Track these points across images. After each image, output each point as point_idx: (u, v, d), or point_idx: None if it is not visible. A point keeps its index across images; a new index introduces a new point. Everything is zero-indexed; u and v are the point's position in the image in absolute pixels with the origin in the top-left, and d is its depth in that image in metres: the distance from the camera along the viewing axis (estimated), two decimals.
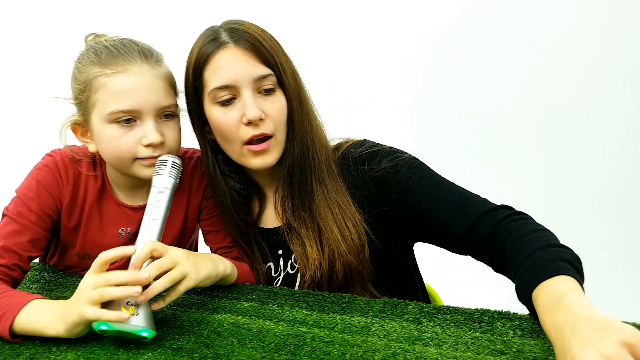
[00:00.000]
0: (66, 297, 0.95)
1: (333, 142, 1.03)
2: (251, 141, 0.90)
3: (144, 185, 1.01)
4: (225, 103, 0.89)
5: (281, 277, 1.01)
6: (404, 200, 0.91)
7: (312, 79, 1.01)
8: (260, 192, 1.04)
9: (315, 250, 0.93)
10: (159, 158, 0.88)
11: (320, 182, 0.95)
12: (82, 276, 1.05)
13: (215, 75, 0.89)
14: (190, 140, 1.02)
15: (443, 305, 0.78)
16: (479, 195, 0.91)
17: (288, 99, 0.92)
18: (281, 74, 0.90)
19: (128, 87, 0.87)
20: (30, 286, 1.04)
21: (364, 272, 0.93)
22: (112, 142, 0.90)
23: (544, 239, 0.76)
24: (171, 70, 0.96)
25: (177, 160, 0.87)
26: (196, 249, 1.24)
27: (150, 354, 0.73)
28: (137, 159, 0.91)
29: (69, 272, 1.09)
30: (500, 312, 0.74)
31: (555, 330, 0.60)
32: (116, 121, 0.89)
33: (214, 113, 0.91)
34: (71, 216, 1.00)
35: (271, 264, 1.03)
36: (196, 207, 1.06)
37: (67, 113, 0.95)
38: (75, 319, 0.73)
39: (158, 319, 0.84)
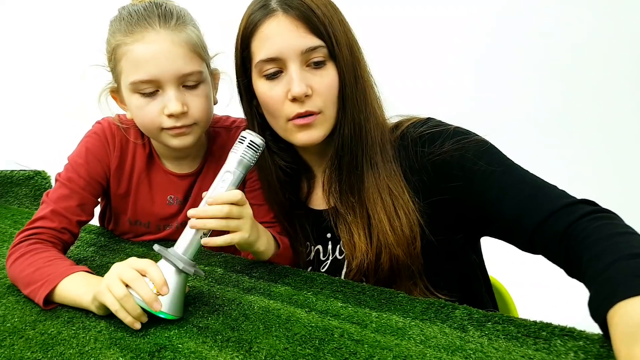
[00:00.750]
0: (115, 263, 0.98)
1: (394, 120, 0.93)
2: (296, 117, 0.84)
3: (187, 154, 0.99)
4: (272, 77, 0.83)
5: (329, 261, 0.95)
6: (467, 188, 0.80)
7: (375, 53, 0.92)
8: (309, 171, 0.98)
9: (363, 238, 0.85)
10: (240, 134, 0.80)
11: (372, 164, 0.86)
12: (133, 242, 1.08)
13: (262, 47, 0.82)
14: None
15: (495, 313, 0.68)
16: (556, 187, 0.77)
17: (340, 73, 0.83)
18: (333, 46, 0.82)
19: (145, 56, 0.85)
20: (87, 249, 1.06)
21: (413, 266, 0.84)
22: (137, 111, 0.89)
23: (631, 245, 0.61)
24: (198, 33, 0.92)
25: (257, 140, 0.78)
26: None
27: (176, 330, 0.71)
28: (163, 129, 0.89)
29: (124, 237, 1.11)
30: (562, 329, 0.63)
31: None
32: (139, 91, 0.87)
33: (260, 87, 0.85)
34: (120, 182, 1.01)
35: (320, 247, 0.97)
36: None
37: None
38: (97, 294, 0.72)
39: (193, 294, 0.82)
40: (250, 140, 0.78)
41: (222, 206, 0.76)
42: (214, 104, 0.98)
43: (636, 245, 0.61)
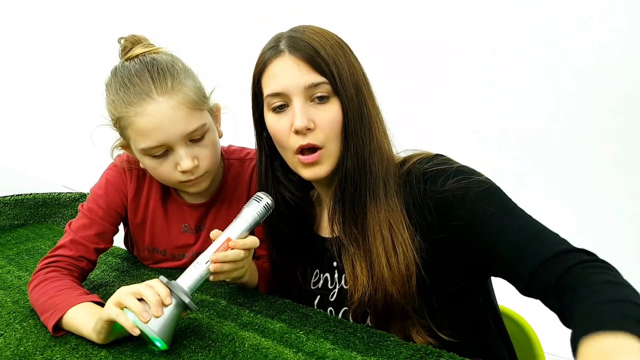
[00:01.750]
0: None
1: (404, 154, 0.93)
2: (301, 151, 0.86)
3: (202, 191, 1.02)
4: (278, 110, 0.87)
5: (336, 290, 0.96)
6: (467, 229, 0.78)
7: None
8: (312, 203, 1.01)
9: (365, 271, 0.85)
10: (256, 194, 0.89)
11: (375, 198, 0.86)
12: (152, 269, 1.14)
13: (269, 83, 0.87)
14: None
15: None
16: (557, 234, 0.74)
17: (343, 108, 0.85)
18: (336, 82, 0.84)
19: (149, 127, 0.88)
20: (110, 273, 1.13)
21: (407, 306, 0.82)
22: (152, 170, 0.95)
23: (623, 293, 0.59)
24: (194, 83, 0.94)
25: (270, 202, 0.89)
26: None
27: None
28: (180, 182, 0.94)
29: (145, 263, 1.17)
30: None
31: None
32: (149, 155, 0.92)
33: (269, 119, 0.89)
34: (137, 212, 1.07)
35: (328, 275, 0.98)
36: None
37: None
38: (98, 317, 0.77)
39: (192, 327, 0.85)
40: (266, 202, 0.88)
41: (240, 252, 0.84)
42: (220, 137, 1.01)
43: (628, 294, 0.59)
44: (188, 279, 0.80)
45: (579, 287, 0.63)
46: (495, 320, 0.95)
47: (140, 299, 0.75)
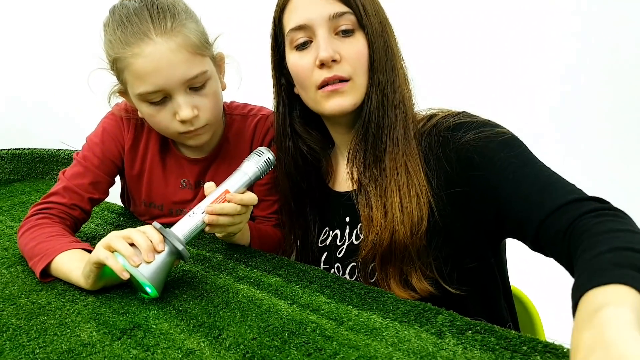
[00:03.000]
0: None
1: (429, 111, 0.91)
2: (325, 84, 0.83)
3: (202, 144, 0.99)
4: (301, 47, 0.84)
5: (345, 246, 0.93)
6: (485, 180, 0.76)
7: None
8: (332, 157, 0.99)
9: (380, 212, 0.83)
10: (257, 148, 0.86)
11: (393, 140, 0.84)
12: (148, 224, 1.11)
13: (291, 17, 0.84)
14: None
15: (478, 322, 0.63)
16: (572, 184, 0.70)
17: (369, 42, 0.82)
18: (361, 14, 0.81)
19: (146, 69, 0.83)
20: (104, 227, 1.10)
21: (412, 247, 0.80)
22: (150, 118, 0.90)
23: (626, 240, 0.55)
24: (196, 26, 0.89)
25: (271, 157, 0.86)
26: None
27: (155, 311, 0.72)
28: (179, 133, 0.90)
29: (141, 218, 1.14)
30: (546, 344, 0.57)
31: (573, 352, 0.43)
32: (147, 100, 0.87)
33: (291, 59, 0.86)
34: (133, 163, 1.03)
35: (338, 231, 0.96)
36: None
37: None
38: (87, 260, 0.74)
39: (186, 278, 0.82)
40: (267, 157, 0.85)
41: (237, 206, 0.82)
42: (223, 90, 0.97)
43: (632, 242, 0.54)
44: (182, 228, 0.78)
45: (584, 237, 0.60)
46: (504, 286, 0.93)
47: (132, 244, 0.72)
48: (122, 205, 1.23)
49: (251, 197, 0.83)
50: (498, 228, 0.79)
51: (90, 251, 0.83)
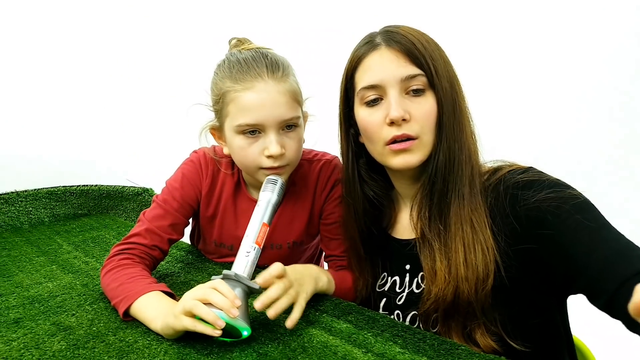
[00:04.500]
0: (198, 281, 1.05)
1: (494, 164, 0.93)
2: (393, 141, 0.87)
3: None
4: (372, 103, 0.88)
5: (405, 294, 0.95)
6: (558, 239, 0.77)
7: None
8: (394, 202, 1.02)
9: (444, 267, 0.85)
10: (268, 177, 0.94)
11: (459, 195, 0.86)
12: (216, 263, 1.16)
13: (364, 76, 0.89)
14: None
15: None
16: None
17: (439, 102, 0.86)
18: (432, 75, 0.85)
19: (253, 103, 0.92)
20: (175, 265, 1.15)
21: (476, 304, 0.81)
22: (239, 151, 0.97)
23: None
24: (297, 81, 0.99)
25: (283, 181, 0.95)
26: (319, 256, 1.26)
27: (237, 353, 0.75)
28: (260, 168, 0.96)
29: (209, 257, 1.19)
30: None
31: None
32: (243, 132, 0.95)
33: (361, 113, 0.91)
34: (208, 206, 1.09)
35: (397, 278, 0.98)
36: (319, 208, 1.12)
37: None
38: (170, 322, 0.77)
39: (259, 320, 0.86)
40: (281, 183, 0.94)
41: (277, 285, 0.80)
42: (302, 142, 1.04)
43: None
44: (244, 267, 0.82)
45: None
46: (568, 340, 0.93)
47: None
48: (189, 243, 1.29)
49: (277, 268, 0.81)
50: (565, 287, 0.80)
51: (167, 292, 0.89)
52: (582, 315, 1.07)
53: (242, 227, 1.09)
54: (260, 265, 0.91)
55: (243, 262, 0.83)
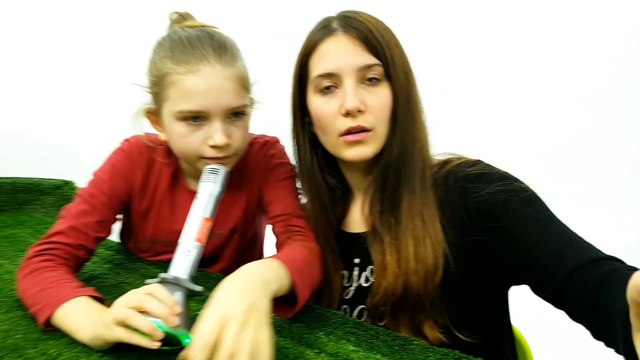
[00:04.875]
0: (129, 283, 0.96)
1: (443, 157, 0.92)
2: (348, 132, 0.83)
3: None
4: (326, 91, 0.85)
5: (353, 288, 0.92)
6: (508, 232, 0.77)
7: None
8: (348, 193, 0.98)
9: (394, 260, 0.83)
10: (208, 167, 0.85)
11: (410, 189, 0.85)
12: (150, 262, 1.07)
13: (319, 63, 0.85)
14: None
15: None
16: (591, 244, 0.73)
17: (394, 93, 0.84)
18: (389, 65, 0.83)
19: (198, 88, 0.84)
20: (102, 265, 1.05)
21: (424, 298, 0.80)
22: (179, 138, 0.88)
23: None
24: (246, 66, 0.92)
25: (226, 170, 0.86)
26: (261, 251, 1.19)
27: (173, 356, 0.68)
28: (202, 157, 0.89)
29: (142, 255, 1.10)
30: None
31: None
32: (184, 119, 0.86)
33: (315, 102, 0.87)
34: (142, 200, 1.01)
35: (345, 272, 0.94)
36: (258, 190, 1.04)
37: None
38: (100, 333, 0.69)
39: None
40: (224, 171, 0.85)
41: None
42: None
43: None
44: (186, 267, 0.74)
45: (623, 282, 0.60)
46: (509, 331, 0.94)
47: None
48: (118, 241, 1.19)
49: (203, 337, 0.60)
50: (513, 278, 0.80)
51: (96, 297, 0.80)
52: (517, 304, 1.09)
53: (180, 221, 1.00)
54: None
55: (183, 262, 0.75)
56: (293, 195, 1.01)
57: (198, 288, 0.72)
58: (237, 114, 0.89)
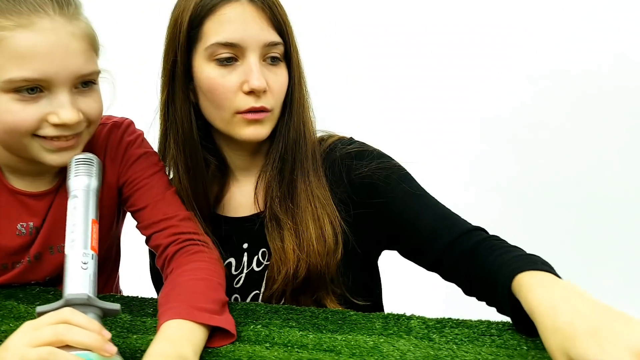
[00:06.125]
0: None
1: (319, 134, 0.96)
2: (248, 111, 0.81)
3: (47, 167, 0.81)
4: (226, 63, 0.79)
5: (244, 274, 0.92)
6: (389, 206, 0.87)
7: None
8: (225, 173, 0.94)
9: (294, 245, 0.86)
10: (77, 157, 0.72)
11: (305, 172, 0.88)
12: None
13: (219, 29, 0.78)
14: None
15: (444, 318, 0.76)
16: (460, 216, 0.88)
17: (290, 74, 0.85)
18: (289, 46, 0.83)
19: (35, 48, 0.67)
20: None
21: (327, 276, 0.87)
22: (6, 115, 0.70)
23: (530, 254, 0.74)
24: (91, 23, 0.77)
25: (99, 160, 0.75)
26: (118, 248, 1.05)
27: None
28: (35, 135, 0.73)
29: None
30: (504, 324, 0.73)
31: (549, 302, 0.58)
32: (15, 91, 0.69)
33: (209, 72, 0.80)
34: None
35: (232, 260, 0.93)
36: (115, 179, 0.89)
37: None
38: None
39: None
40: (98, 161, 0.75)
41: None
42: None
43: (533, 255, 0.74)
44: (88, 285, 0.64)
45: (495, 249, 0.77)
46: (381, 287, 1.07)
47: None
48: None
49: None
50: (390, 244, 0.93)
51: None
52: None
53: (4, 234, 0.82)
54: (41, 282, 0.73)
55: (81, 277, 0.64)
56: (170, 192, 0.88)
57: (115, 306, 0.64)
58: (86, 83, 0.75)
